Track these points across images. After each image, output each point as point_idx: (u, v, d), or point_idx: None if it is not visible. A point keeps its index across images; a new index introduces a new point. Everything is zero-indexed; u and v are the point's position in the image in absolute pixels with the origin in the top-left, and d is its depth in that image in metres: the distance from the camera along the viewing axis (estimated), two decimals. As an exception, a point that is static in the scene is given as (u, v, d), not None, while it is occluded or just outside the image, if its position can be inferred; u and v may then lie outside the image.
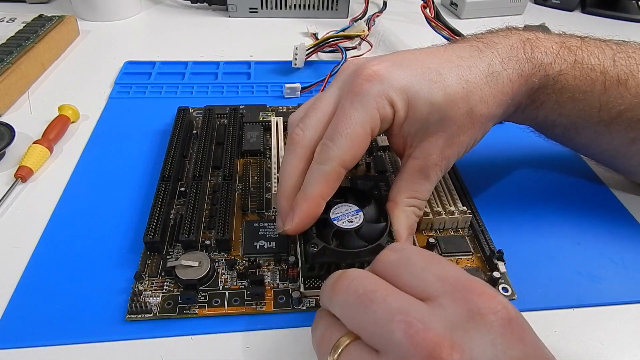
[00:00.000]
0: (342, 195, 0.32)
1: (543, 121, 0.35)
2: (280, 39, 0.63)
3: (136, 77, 0.53)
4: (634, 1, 0.77)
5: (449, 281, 0.21)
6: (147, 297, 0.29)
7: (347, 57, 0.55)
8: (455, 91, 0.29)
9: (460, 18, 0.72)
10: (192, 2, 0.71)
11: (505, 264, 0.32)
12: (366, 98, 0.28)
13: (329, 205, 0.31)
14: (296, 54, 0.55)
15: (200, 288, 0.30)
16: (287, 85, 0.50)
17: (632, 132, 0.33)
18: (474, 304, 0.20)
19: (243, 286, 0.31)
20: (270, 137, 0.42)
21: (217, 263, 0.32)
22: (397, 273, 0.23)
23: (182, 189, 0.37)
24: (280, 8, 0.69)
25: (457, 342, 0.19)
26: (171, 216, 0.35)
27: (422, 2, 0.57)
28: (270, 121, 0.44)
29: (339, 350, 0.22)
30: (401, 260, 0.23)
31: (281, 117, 0.44)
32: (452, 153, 0.31)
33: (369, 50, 0.60)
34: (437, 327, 0.19)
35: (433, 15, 0.56)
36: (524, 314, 0.30)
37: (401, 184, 0.31)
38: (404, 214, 0.31)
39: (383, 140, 0.43)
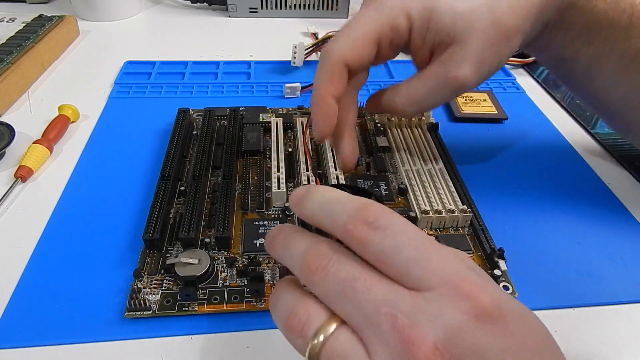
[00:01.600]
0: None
1: (567, 50, 0.34)
2: (280, 38, 0.63)
3: (136, 77, 0.53)
4: None
5: (440, 273, 0.19)
6: (146, 294, 0.29)
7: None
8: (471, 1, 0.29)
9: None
10: (192, 2, 0.71)
11: (505, 262, 0.32)
12: (381, 5, 0.29)
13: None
14: (295, 53, 0.55)
15: (199, 285, 0.30)
16: (287, 85, 0.50)
17: None
18: (465, 301, 0.18)
19: (243, 283, 0.30)
20: (270, 137, 0.42)
21: (216, 261, 0.32)
22: (385, 261, 0.19)
23: (182, 188, 0.37)
24: (280, 8, 0.69)
25: (439, 343, 0.17)
26: (171, 215, 0.35)
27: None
28: (270, 122, 0.44)
29: (322, 338, 0.19)
30: (391, 247, 0.19)
31: (281, 118, 0.44)
32: (473, 70, 0.30)
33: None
34: (423, 325, 0.18)
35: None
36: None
37: (414, 89, 0.31)
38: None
39: (383, 141, 0.43)
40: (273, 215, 0.36)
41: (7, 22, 0.58)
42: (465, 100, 0.50)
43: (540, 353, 0.19)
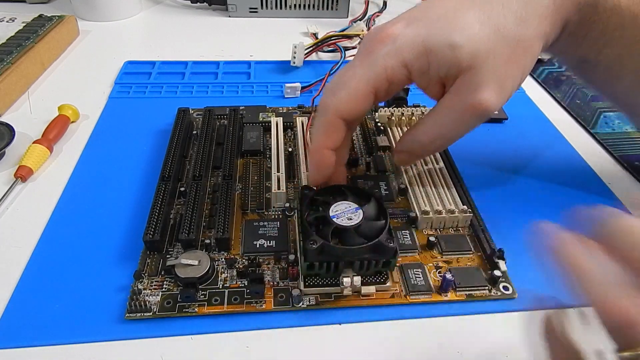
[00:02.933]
0: (341, 193, 0.32)
1: (589, 51, 0.32)
2: (280, 38, 0.63)
3: (136, 77, 0.53)
4: None
5: None
6: (147, 296, 0.29)
7: (346, 56, 0.55)
8: (475, 22, 0.28)
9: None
10: (192, 2, 0.71)
11: (505, 262, 0.32)
12: (374, 57, 0.29)
13: (329, 203, 0.31)
14: (295, 53, 0.55)
15: (199, 287, 0.30)
16: (287, 85, 0.50)
17: None
18: None
19: (243, 285, 0.31)
20: (270, 137, 0.42)
21: (216, 262, 0.32)
22: None
23: (182, 189, 0.37)
24: (280, 8, 0.69)
25: None
26: (171, 216, 0.35)
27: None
28: (270, 122, 0.44)
29: None
30: None
31: (281, 118, 0.44)
32: (494, 92, 0.28)
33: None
34: None
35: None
36: (524, 313, 0.30)
37: (430, 120, 0.31)
38: (411, 136, 0.32)
39: (383, 141, 0.43)
40: (273, 216, 0.36)
41: (7, 22, 0.58)
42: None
43: None
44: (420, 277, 0.31)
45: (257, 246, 0.33)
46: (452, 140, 0.32)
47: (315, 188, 0.33)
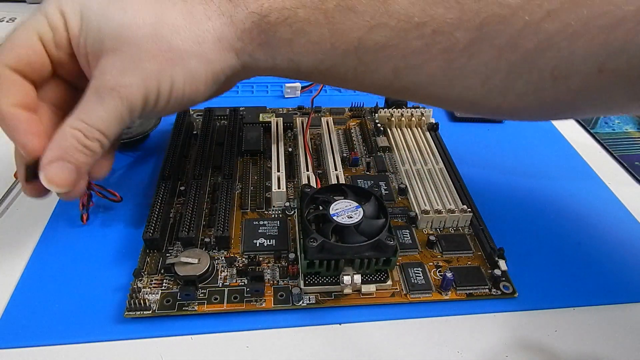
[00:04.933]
0: (342, 192, 0.32)
1: (292, 68, 0.30)
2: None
3: (136, 77, 0.53)
4: None
5: None
6: (146, 294, 0.29)
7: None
8: (137, 10, 0.26)
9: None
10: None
11: (506, 261, 0.32)
12: (39, 7, 0.27)
13: (329, 202, 0.31)
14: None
15: (199, 285, 0.30)
16: (287, 85, 0.50)
17: (390, 61, 0.28)
18: None
19: (243, 283, 0.30)
20: (270, 137, 0.42)
21: (216, 260, 0.32)
22: None
23: (182, 188, 0.37)
24: (280, 9, 0.69)
25: None
26: (171, 215, 0.35)
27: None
28: (270, 122, 0.44)
29: None
30: None
31: (281, 118, 0.45)
32: (136, 81, 0.26)
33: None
34: None
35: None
36: (524, 313, 0.30)
37: (77, 109, 0.27)
38: (60, 134, 0.26)
39: (382, 141, 0.43)
40: (273, 215, 0.36)
41: (7, 22, 0.58)
42: (465, 100, 0.50)
43: None
44: (420, 276, 0.31)
45: (257, 245, 0.33)
46: (108, 134, 0.27)
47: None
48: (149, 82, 0.26)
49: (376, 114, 0.46)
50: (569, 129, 0.48)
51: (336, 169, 0.38)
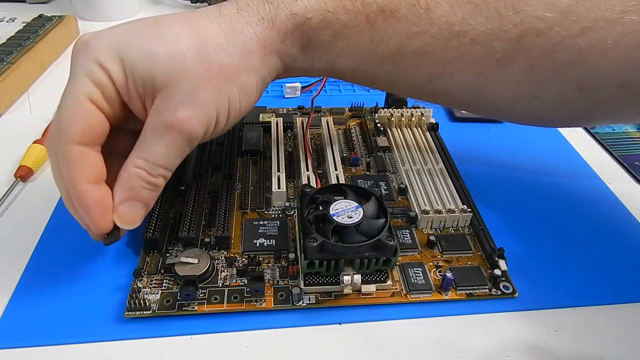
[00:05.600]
0: (342, 192, 0.32)
1: (327, 68, 0.30)
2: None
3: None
4: None
5: None
6: (146, 294, 0.29)
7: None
8: (176, 38, 0.26)
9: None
10: (192, 2, 0.71)
11: (506, 261, 0.32)
12: (75, 68, 0.26)
13: (329, 202, 0.31)
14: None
15: (199, 285, 0.30)
16: (287, 85, 0.50)
17: (425, 67, 0.29)
18: None
19: (243, 283, 0.30)
20: (270, 137, 0.42)
21: (216, 260, 0.32)
22: None
23: (182, 188, 0.37)
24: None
25: None
26: (171, 215, 0.35)
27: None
28: (270, 122, 0.44)
29: None
30: None
31: (281, 118, 0.45)
32: (195, 112, 0.26)
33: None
34: None
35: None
36: (524, 313, 0.30)
37: (136, 144, 0.27)
38: (125, 174, 0.27)
39: (383, 141, 0.43)
40: (273, 215, 0.36)
41: (7, 22, 0.58)
42: (465, 100, 0.50)
43: None
44: (420, 276, 0.31)
45: (257, 245, 0.33)
46: (171, 168, 0.28)
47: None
48: (207, 110, 0.26)
49: (376, 114, 0.46)
50: (569, 129, 0.48)
51: (336, 169, 0.38)
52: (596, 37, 0.24)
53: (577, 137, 0.47)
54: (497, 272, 0.31)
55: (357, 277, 0.29)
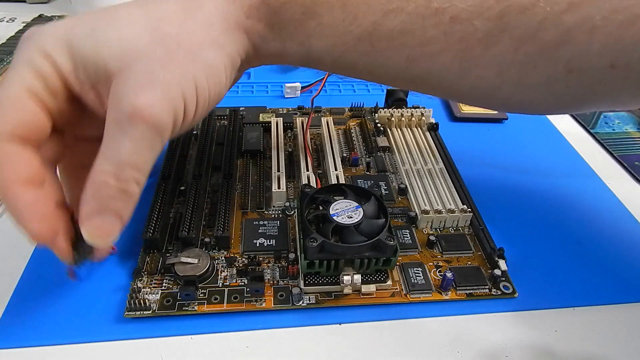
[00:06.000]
0: (341, 192, 0.32)
1: (302, 53, 0.28)
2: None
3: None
4: None
5: None
6: (146, 294, 0.29)
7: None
8: (129, 19, 0.24)
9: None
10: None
11: (506, 261, 0.32)
12: (17, 58, 0.23)
13: (329, 202, 0.31)
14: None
15: (199, 285, 0.30)
16: (287, 85, 0.50)
17: (404, 49, 0.27)
18: None
19: (243, 283, 0.30)
20: (270, 137, 0.42)
21: (216, 260, 0.32)
22: None
23: (182, 188, 0.37)
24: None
25: None
26: (171, 214, 0.35)
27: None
28: (270, 122, 0.44)
29: None
30: None
31: (281, 118, 0.45)
32: (157, 96, 0.23)
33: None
34: None
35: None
36: (524, 313, 0.30)
37: (101, 149, 0.23)
38: (90, 182, 0.23)
39: (382, 141, 0.43)
40: (273, 215, 0.36)
41: (7, 22, 0.58)
42: (465, 100, 0.50)
43: None
44: (420, 276, 0.31)
45: (257, 245, 0.33)
46: (144, 169, 0.23)
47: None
48: (172, 93, 0.23)
49: (376, 114, 0.46)
50: (569, 129, 0.48)
51: (336, 169, 0.38)
52: (584, 14, 0.23)
53: (577, 137, 0.47)
54: (497, 272, 0.31)
55: (357, 277, 0.29)
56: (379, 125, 0.45)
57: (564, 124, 0.49)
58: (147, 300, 0.29)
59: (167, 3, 0.25)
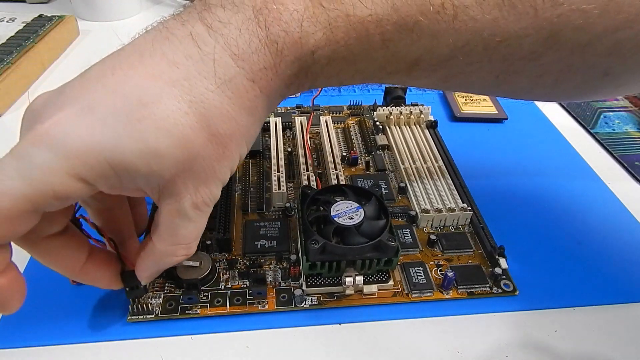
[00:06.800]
0: (342, 192, 0.32)
1: (329, 84, 0.27)
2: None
3: (136, 77, 0.53)
4: None
5: None
6: (149, 298, 0.29)
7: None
8: (176, 119, 0.21)
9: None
10: (191, 2, 0.71)
11: (506, 260, 0.32)
12: (32, 166, 0.20)
13: (329, 203, 0.31)
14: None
15: (201, 288, 0.30)
16: (287, 85, 0.50)
17: (438, 72, 0.25)
18: None
19: (245, 285, 0.31)
20: (269, 137, 0.42)
21: (218, 263, 0.32)
22: None
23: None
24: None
25: None
26: (172, 216, 0.35)
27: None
28: (269, 122, 0.44)
29: None
30: None
31: (280, 118, 0.44)
32: (214, 186, 0.24)
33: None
34: None
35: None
36: (524, 312, 0.30)
37: (161, 230, 0.25)
38: (152, 257, 0.26)
39: (382, 139, 0.43)
40: (273, 216, 0.36)
41: (7, 22, 0.58)
42: (465, 100, 0.50)
43: None
44: (421, 276, 0.31)
45: (259, 246, 0.33)
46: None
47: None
48: (225, 177, 0.24)
49: (375, 112, 0.46)
50: (569, 129, 0.48)
51: (336, 169, 0.38)
52: (636, 29, 0.22)
53: (577, 137, 0.47)
54: (498, 270, 0.31)
55: (359, 278, 0.29)
56: (377, 123, 0.45)
57: (564, 124, 0.49)
58: (149, 304, 0.29)
59: (212, 93, 0.22)
